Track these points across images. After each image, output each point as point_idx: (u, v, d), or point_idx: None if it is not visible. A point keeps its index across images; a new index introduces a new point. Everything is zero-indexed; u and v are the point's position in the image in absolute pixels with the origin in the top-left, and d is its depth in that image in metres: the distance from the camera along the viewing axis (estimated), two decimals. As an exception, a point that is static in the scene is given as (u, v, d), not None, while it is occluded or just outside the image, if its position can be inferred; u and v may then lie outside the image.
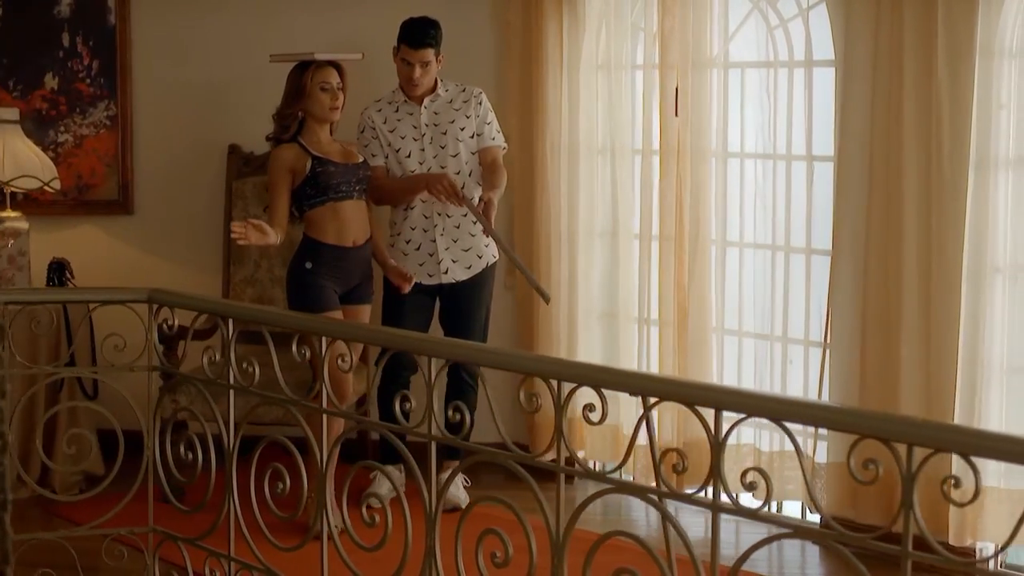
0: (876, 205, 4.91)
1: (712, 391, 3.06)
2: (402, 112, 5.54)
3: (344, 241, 5.20)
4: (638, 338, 5.74)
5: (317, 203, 5.17)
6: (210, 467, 4.27)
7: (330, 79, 5.19)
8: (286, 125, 5.22)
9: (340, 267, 5.20)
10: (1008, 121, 4.63)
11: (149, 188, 6.42)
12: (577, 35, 5.78)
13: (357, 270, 5.26)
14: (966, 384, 4.71)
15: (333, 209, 5.18)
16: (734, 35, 5.52)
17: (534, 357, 4.45)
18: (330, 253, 5.18)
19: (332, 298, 5.19)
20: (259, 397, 4.20)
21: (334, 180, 5.16)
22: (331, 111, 5.21)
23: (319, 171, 5.14)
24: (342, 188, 5.18)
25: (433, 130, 5.50)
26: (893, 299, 4.87)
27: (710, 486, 2.95)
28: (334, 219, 5.18)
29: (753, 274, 5.55)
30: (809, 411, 2.86)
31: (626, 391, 3.17)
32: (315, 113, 5.20)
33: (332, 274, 5.18)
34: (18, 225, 5.92)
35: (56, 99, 6.34)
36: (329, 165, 5.16)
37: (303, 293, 5.18)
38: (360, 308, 5.34)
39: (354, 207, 5.23)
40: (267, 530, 4.13)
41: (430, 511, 3.50)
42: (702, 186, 5.46)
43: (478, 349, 3.83)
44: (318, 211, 5.18)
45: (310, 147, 5.19)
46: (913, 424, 2.68)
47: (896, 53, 4.79)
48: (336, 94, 5.20)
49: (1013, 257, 4.68)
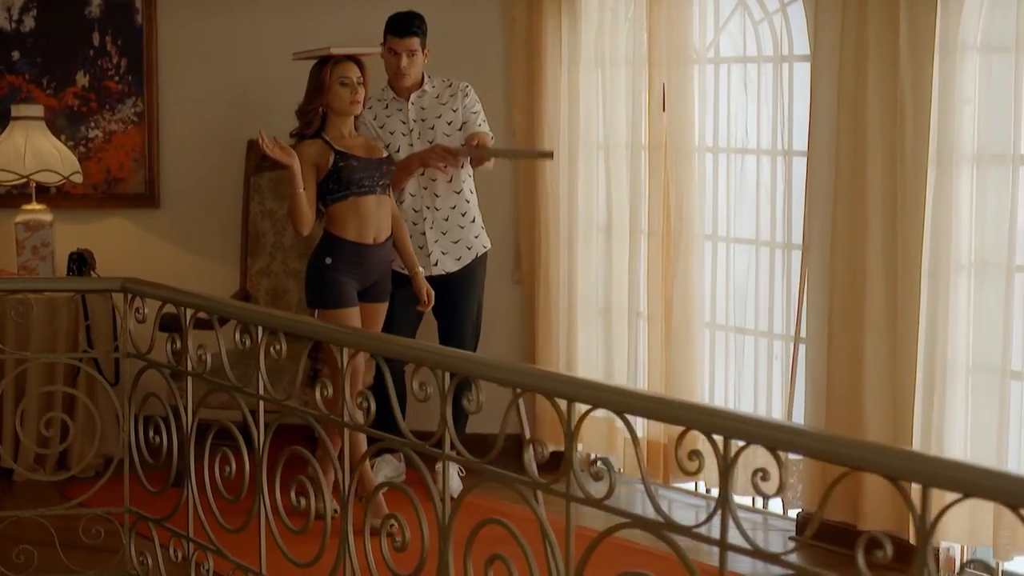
0: (842, 201, 4.89)
1: (564, 382, 3.10)
2: (391, 108, 5.64)
3: (365, 238, 5.19)
4: (628, 333, 5.77)
5: (339, 197, 5.16)
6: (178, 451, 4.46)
7: (350, 73, 5.19)
8: (308, 121, 5.24)
9: (360, 264, 5.19)
10: (972, 117, 4.57)
11: (174, 182, 6.64)
12: (576, 32, 5.84)
13: (377, 267, 5.25)
14: (927, 381, 4.67)
15: (355, 204, 5.16)
16: (721, 30, 5.53)
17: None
18: (350, 249, 5.18)
19: (350, 295, 5.19)
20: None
21: (356, 175, 5.16)
22: (352, 105, 5.20)
23: (341, 165, 5.14)
24: (364, 183, 5.18)
25: (420, 125, 5.60)
26: (858, 295, 4.85)
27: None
28: (355, 215, 5.17)
29: (729, 269, 5.58)
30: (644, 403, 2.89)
31: (496, 382, 3.21)
32: (336, 108, 5.20)
33: (351, 271, 5.18)
34: (42, 217, 6.18)
35: (87, 96, 6.59)
36: (352, 160, 5.16)
37: (321, 289, 5.19)
38: (377, 306, 5.32)
39: (376, 202, 5.21)
40: (218, 513, 4.31)
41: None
42: (687, 181, 5.48)
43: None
44: (340, 206, 5.17)
45: (333, 142, 5.20)
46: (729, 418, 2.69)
47: (861, 48, 4.77)
48: (356, 88, 5.19)
49: (978, 254, 4.61)
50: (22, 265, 6.14)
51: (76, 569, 4.76)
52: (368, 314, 5.25)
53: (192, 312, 4.39)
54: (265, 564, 4.13)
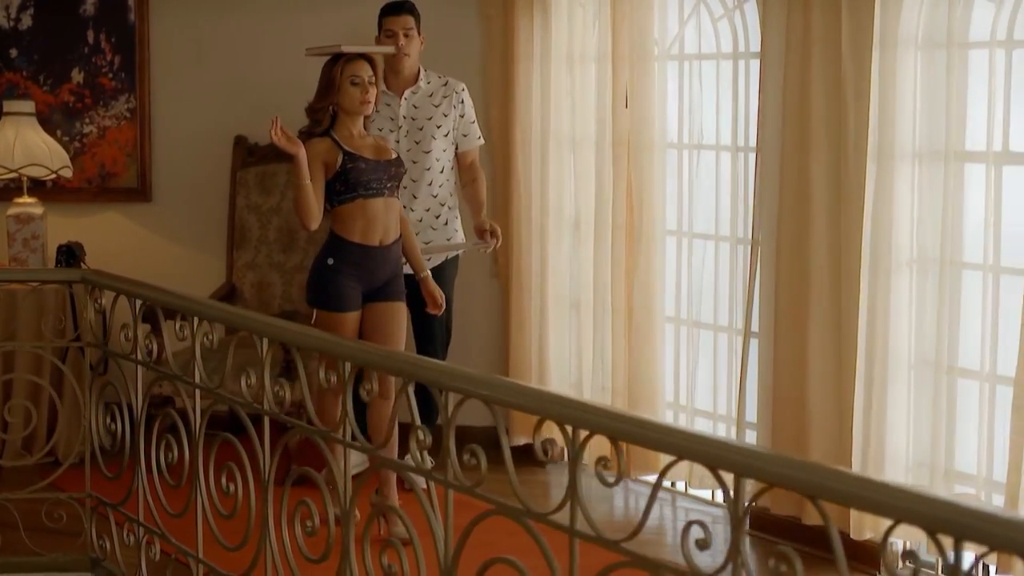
0: (788, 196, 4.93)
1: (431, 369, 3.18)
2: (380, 102, 5.58)
3: (370, 240, 5.06)
4: (594, 326, 5.84)
5: (346, 199, 5.04)
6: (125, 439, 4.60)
7: (360, 72, 5.06)
8: (318, 119, 5.11)
9: (364, 265, 5.06)
10: (912, 113, 4.59)
11: (165, 177, 6.78)
12: (547, 29, 5.91)
13: (383, 269, 5.11)
14: (868, 376, 4.70)
15: (361, 207, 5.03)
16: (683, 27, 5.58)
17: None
18: (355, 251, 5.05)
19: (352, 299, 5.07)
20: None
21: (364, 177, 5.02)
22: (362, 105, 5.07)
23: (349, 167, 5.01)
24: (372, 185, 5.04)
25: (410, 123, 5.62)
26: (804, 290, 4.88)
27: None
28: (362, 217, 5.04)
29: (690, 263, 5.63)
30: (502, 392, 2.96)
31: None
32: (346, 107, 5.07)
33: (355, 272, 5.05)
34: (32, 211, 6.35)
35: (82, 92, 6.75)
36: (360, 162, 5.03)
37: (322, 290, 5.09)
38: (392, 305, 5.16)
39: (384, 205, 5.08)
40: (164, 498, 4.45)
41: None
42: (648, 177, 5.54)
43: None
44: (346, 208, 5.05)
45: (342, 142, 5.06)
46: (576, 407, 2.76)
47: (806, 45, 4.80)
48: (367, 88, 5.05)
49: (920, 251, 4.63)
50: (13, 257, 6.31)
51: (39, 552, 4.91)
52: (384, 314, 5.13)
53: (141, 304, 4.54)
54: (202, 548, 4.27)
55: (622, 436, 2.64)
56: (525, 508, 2.90)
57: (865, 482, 2.24)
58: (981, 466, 4.53)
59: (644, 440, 2.60)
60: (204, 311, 4.18)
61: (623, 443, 2.66)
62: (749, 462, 2.38)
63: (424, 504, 3.20)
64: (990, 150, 4.46)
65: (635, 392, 5.66)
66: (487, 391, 2.98)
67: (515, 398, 2.89)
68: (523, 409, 2.85)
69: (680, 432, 2.58)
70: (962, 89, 4.52)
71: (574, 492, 2.76)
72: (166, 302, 4.43)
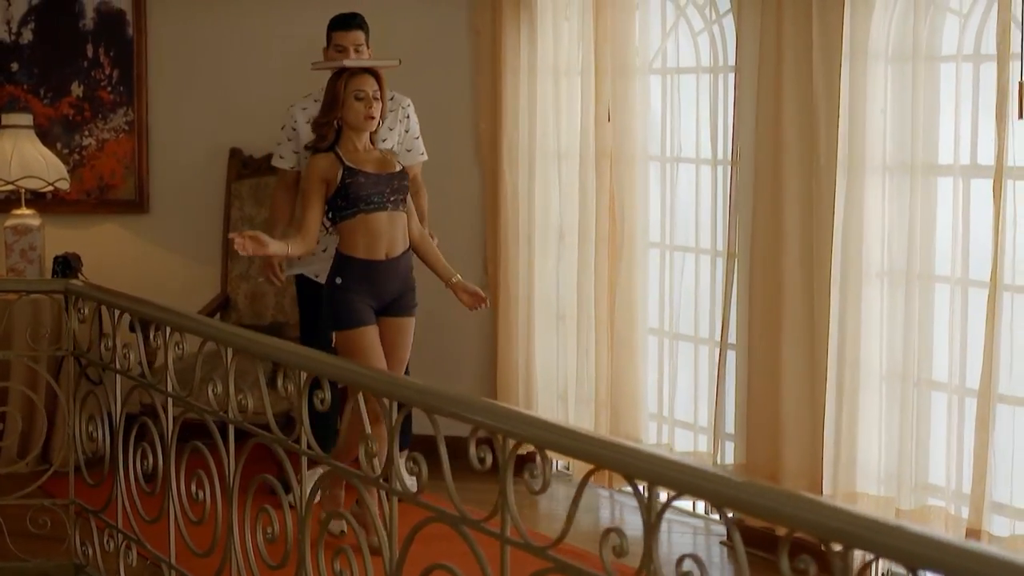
0: (761, 208, 4.96)
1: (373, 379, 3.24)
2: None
3: (375, 254, 4.98)
4: (578, 337, 5.88)
5: (348, 215, 4.98)
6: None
7: (365, 87, 5.00)
8: (323, 135, 5.06)
9: (371, 281, 4.99)
10: (881, 126, 4.62)
11: (163, 189, 6.87)
12: (534, 42, 5.97)
13: (392, 283, 5.03)
14: (838, 388, 4.73)
15: (363, 221, 4.97)
16: (664, 40, 5.63)
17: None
18: (360, 267, 4.98)
19: (364, 314, 4.98)
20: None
21: (364, 191, 4.96)
22: (366, 120, 5.01)
23: (348, 182, 4.95)
24: (373, 199, 4.97)
25: None
26: (777, 302, 4.92)
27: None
28: (364, 232, 4.97)
29: (672, 275, 5.67)
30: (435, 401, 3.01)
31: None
32: (350, 122, 5.01)
33: (364, 288, 4.97)
34: (30, 222, 6.45)
35: (81, 105, 6.85)
36: (359, 176, 4.97)
37: (334, 310, 5.01)
38: (401, 321, 5.10)
39: (388, 219, 5.00)
40: (140, 505, 4.53)
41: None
42: (629, 190, 5.60)
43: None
44: (348, 223, 4.99)
45: (344, 156, 5.00)
46: (501, 416, 2.81)
47: (778, 58, 4.84)
48: (371, 102, 5.00)
49: (890, 263, 4.66)
50: (10, 267, 6.41)
51: (24, 557, 4.99)
52: (393, 329, 5.08)
53: (119, 313, 4.62)
54: (174, 554, 4.34)
55: (545, 444, 2.69)
56: (461, 516, 2.95)
57: (763, 490, 2.27)
58: (951, 478, 4.54)
59: (565, 448, 2.65)
60: (177, 322, 4.25)
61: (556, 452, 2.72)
62: (660, 471, 2.43)
63: (373, 512, 3.26)
64: (957, 163, 4.50)
65: (617, 403, 5.71)
66: (420, 399, 3.04)
67: (449, 407, 2.94)
68: (457, 418, 2.90)
69: (598, 441, 2.62)
70: (931, 102, 4.56)
71: (504, 500, 2.81)
72: (143, 313, 4.50)
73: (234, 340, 3.92)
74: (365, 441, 3.28)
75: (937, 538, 1.96)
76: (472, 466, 2.90)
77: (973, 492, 4.28)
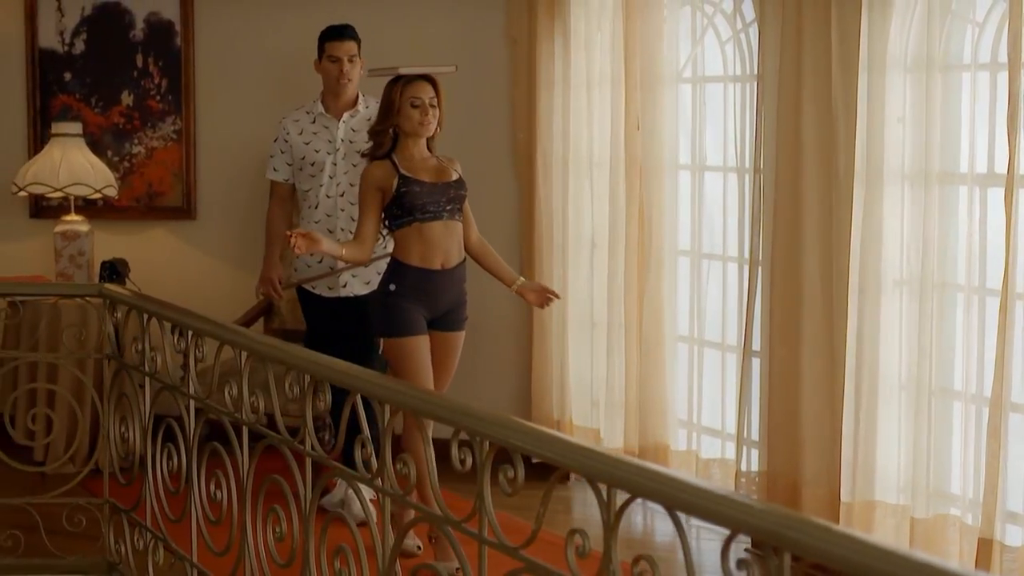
0: (782, 217, 4.98)
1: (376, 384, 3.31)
2: (318, 124, 5.69)
3: (430, 263, 4.96)
4: (608, 344, 5.93)
5: (403, 223, 4.96)
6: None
7: (421, 94, 4.98)
8: (380, 142, 5.05)
9: (425, 290, 4.96)
10: (899, 135, 4.63)
11: (209, 196, 7.03)
12: (567, 51, 6.03)
13: (446, 294, 5.01)
14: (856, 396, 4.73)
15: (418, 230, 4.94)
16: (693, 50, 5.67)
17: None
18: (414, 275, 4.95)
19: (416, 323, 4.95)
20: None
21: (419, 200, 4.93)
22: (421, 127, 4.98)
23: (404, 191, 4.93)
24: (429, 208, 4.95)
25: (348, 147, 5.64)
26: (796, 309, 4.93)
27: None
28: (419, 241, 4.95)
29: (701, 283, 5.70)
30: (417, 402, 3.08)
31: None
32: (406, 129, 4.99)
33: (417, 297, 4.95)
34: (79, 228, 6.62)
35: (131, 114, 7.02)
36: (415, 185, 4.94)
37: (384, 316, 4.99)
38: (451, 336, 5.08)
39: (443, 229, 4.97)
40: (167, 505, 4.64)
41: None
42: (658, 198, 5.63)
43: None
44: (404, 232, 4.97)
45: (400, 164, 4.99)
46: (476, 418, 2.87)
47: (798, 67, 4.86)
48: (427, 109, 4.97)
49: (908, 272, 4.66)
50: (60, 272, 6.58)
51: (59, 554, 5.13)
52: (444, 344, 5.06)
53: (148, 317, 4.74)
54: (196, 552, 4.44)
55: (516, 448, 2.74)
56: (444, 516, 3.02)
57: (712, 495, 2.31)
58: (967, 488, 4.53)
59: (535, 452, 2.71)
60: (199, 326, 4.35)
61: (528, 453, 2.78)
62: (618, 473, 2.48)
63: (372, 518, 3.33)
64: (972, 171, 4.50)
65: (647, 410, 5.74)
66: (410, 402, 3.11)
67: (430, 408, 3.01)
68: (438, 420, 2.97)
69: (572, 446, 2.66)
70: (948, 111, 4.56)
71: (482, 502, 2.87)
72: (171, 317, 4.61)
73: (250, 345, 4.02)
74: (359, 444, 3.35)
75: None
76: (454, 467, 2.97)
77: (985, 502, 4.27)
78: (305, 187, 5.77)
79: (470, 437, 2.87)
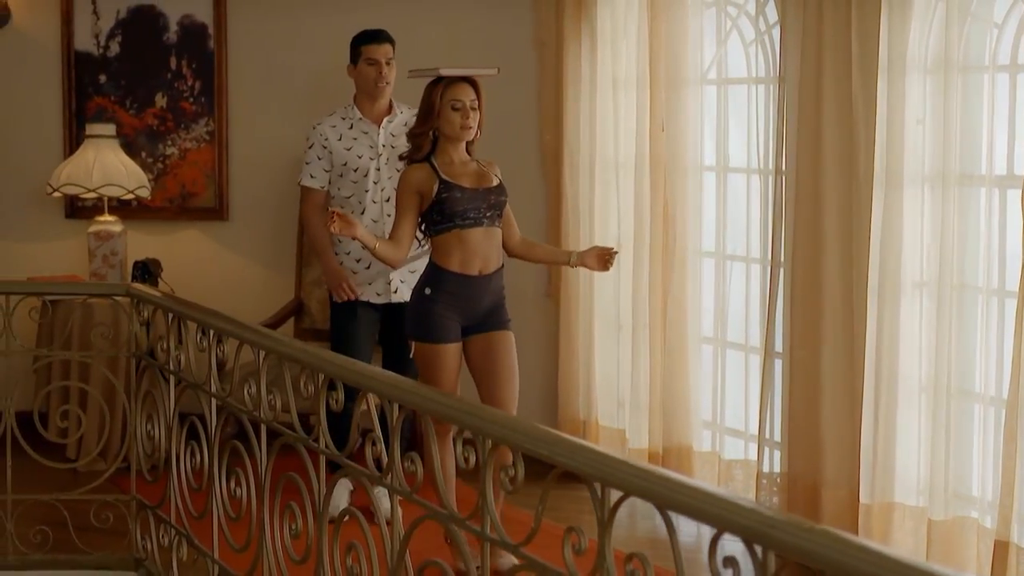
0: (802, 218, 4.99)
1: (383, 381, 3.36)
2: (357, 130, 5.65)
3: (469, 269, 4.87)
4: (633, 344, 5.95)
5: (443, 229, 4.87)
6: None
7: (462, 96, 4.87)
8: (419, 145, 4.95)
9: (463, 296, 4.88)
10: (922, 135, 4.62)
11: (241, 197, 7.09)
12: (594, 52, 6.06)
13: (483, 300, 4.91)
14: (875, 398, 4.73)
15: (458, 237, 4.85)
16: (717, 51, 5.68)
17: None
18: (453, 281, 4.87)
19: (449, 330, 4.88)
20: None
21: (460, 207, 4.84)
22: (462, 131, 4.87)
23: (444, 197, 4.83)
24: (469, 215, 4.85)
25: (390, 152, 5.58)
26: (817, 311, 4.94)
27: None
28: (459, 247, 4.86)
29: (724, 284, 5.71)
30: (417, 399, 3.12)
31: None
32: (446, 132, 4.88)
33: (453, 303, 4.87)
34: (112, 228, 6.70)
35: (165, 116, 7.10)
36: (455, 191, 4.85)
37: (418, 320, 4.93)
38: (498, 335, 4.97)
39: (483, 235, 4.89)
40: (190, 502, 4.71)
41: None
42: (681, 199, 5.65)
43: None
44: (443, 237, 4.88)
45: (440, 169, 4.89)
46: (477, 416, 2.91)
47: (819, 68, 4.87)
48: (468, 112, 4.86)
49: (927, 273, 4.66)
50: (93, 272, 6.66)
51: (87, 550, 5.20)
52: (491, 344, 4.96)
53: (173, 316, 4.80)
54: (217, 549, 4.50)
55: (516, 446, 2.78)
56: (449, 514, 3.06)
57: (700, 493, 2.34)
58: (986, 490, 4.53)
59: (529, 450, 2.74)
60: (221, 325, 4.41)
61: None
62: (610, 472, 2.51)
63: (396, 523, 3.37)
64: (991, 173, 4.49)
65: (671, 411, 5.76)
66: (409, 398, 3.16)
67: (433, 406, 3.05)
68: (440, 417, 3.01)
69: (564, 443, 2.69)
70: (968, 113, 4.55)
71: (484, 501, 2.90)
72: (194, 316, 4.68)
73: (269, 344, 4.07)
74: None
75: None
76: (459, 465, 3.01)
77: (1001, 504, 4.27)
78: (346, 193, 5.65)
79: (473, 435, 2.91)
